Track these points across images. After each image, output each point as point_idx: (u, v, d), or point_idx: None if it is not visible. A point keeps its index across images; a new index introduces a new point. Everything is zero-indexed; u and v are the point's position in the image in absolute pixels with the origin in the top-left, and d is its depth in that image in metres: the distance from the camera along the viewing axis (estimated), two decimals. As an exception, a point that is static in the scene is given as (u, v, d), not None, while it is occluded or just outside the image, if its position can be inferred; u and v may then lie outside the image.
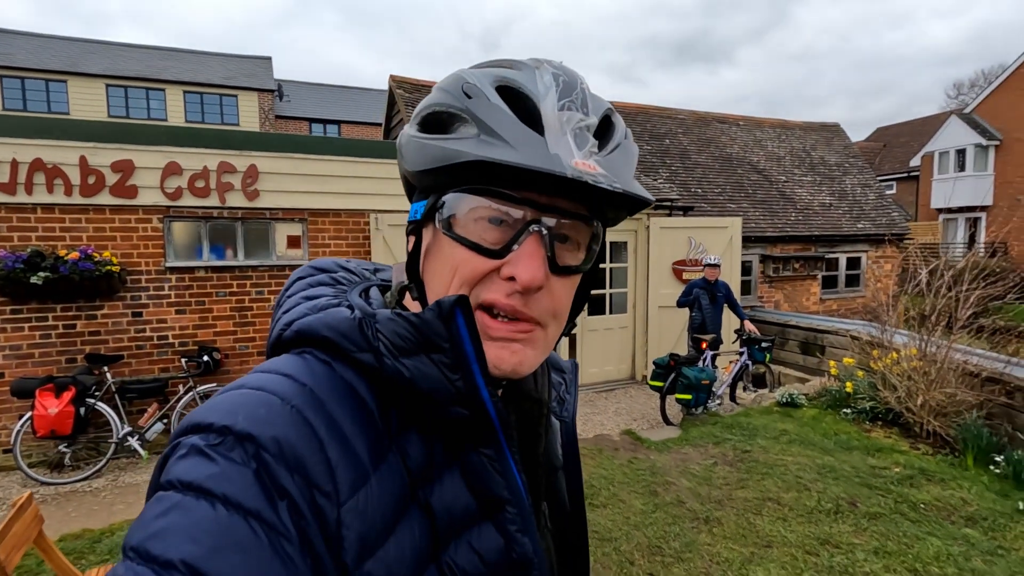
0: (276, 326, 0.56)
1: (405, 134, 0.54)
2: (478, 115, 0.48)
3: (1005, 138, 18.77)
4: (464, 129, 0.48)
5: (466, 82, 0.50)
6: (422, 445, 0.49)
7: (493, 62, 0.54)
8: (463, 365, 0.48)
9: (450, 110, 0.49)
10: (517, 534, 0.51)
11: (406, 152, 0.53)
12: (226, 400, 0.45)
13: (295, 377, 0.47)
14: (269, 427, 0.42)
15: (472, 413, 0.49)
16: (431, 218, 0.51)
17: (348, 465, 0.44)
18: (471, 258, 0.49)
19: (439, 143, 0.48)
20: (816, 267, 10.23)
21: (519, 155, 0.45)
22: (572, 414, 0.68)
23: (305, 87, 25.24)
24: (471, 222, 0.49)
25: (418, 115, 0.53)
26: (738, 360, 6.52)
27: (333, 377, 0.48)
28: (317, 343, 0.51)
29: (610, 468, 4.38)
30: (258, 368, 0.50)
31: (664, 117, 11.53)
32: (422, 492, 0.48)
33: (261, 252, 5.82)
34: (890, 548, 3.14)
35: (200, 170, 5.37)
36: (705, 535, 3.35)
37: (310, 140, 6.13)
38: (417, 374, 0.47)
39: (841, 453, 4.56)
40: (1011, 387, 4.49)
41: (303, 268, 0.64)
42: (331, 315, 0.51)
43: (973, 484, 3.94)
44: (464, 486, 0.50)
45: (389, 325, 0.49)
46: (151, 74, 18.91)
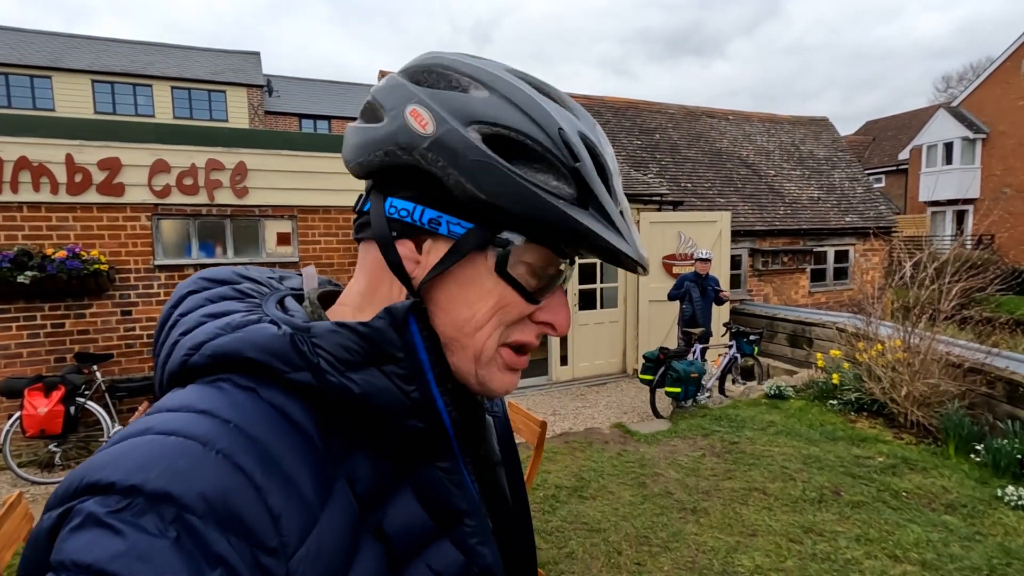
0: (175, 352, 0.47)
1: (466, 142, 0.44)
2: (587, 183, 0.46)
3: (991, 131, 18.98)
4: (558, 184, 0.45)
5: (562, 128, 0.46)
6: (369, 466, 0.45)
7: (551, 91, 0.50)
8: (419, 375, 0.45)
9: (545, 154, 0.45)
10: (478, 547, 0.50)
11: (477, 172, 0.44)
12: (130, 450, 0.37)
13: (214, 413, 0.41)
14: (192, 481, 0.36)
15: (428, 425, 0.46)
16: (480, 247, 0.46)
17: (294, 510, 0.39)
18: (518, 302, 0.48)
19: (546, 195, 0.44)
20: (805, 260, 10.33)
21: (629, 247, 0.47)
22: (502, 408, 0.68)
23: (295, 82, 25.06)
24: (521, 265, 0.48)
25: (480, 123, 0.45)
26: (727, 353, 6.59)
27: (260, 406, 0.42)
28: (239, 366, 0.44)
29: (600, 461, 4.43)
30: (161, 406, 0.42)
31: (654, 112, 11.56)
32: (373, 518, 0.45)
33: (250, 250, 5.81)
34: (872, 535, 3.21)
35: (188, 167, 5.35)
36: (692, 525, 3.41)
37: (299, 137, 6.12)
38: (369, 389, 0.44)
39: (826, 443, 4.64)
40: (992, 377, 4.58)
41: (191, 281, 0.55)
42: (254, 333, 0.45)
43: (954, 472, 4.02)
44: (417, 504, 0.47)
45: (331, 338, 0.44)
46: (137, 69, 18.70)
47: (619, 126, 10.70)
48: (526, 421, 2.97)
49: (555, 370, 7.50)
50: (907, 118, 26.14)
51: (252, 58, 22.04)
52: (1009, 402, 4.46)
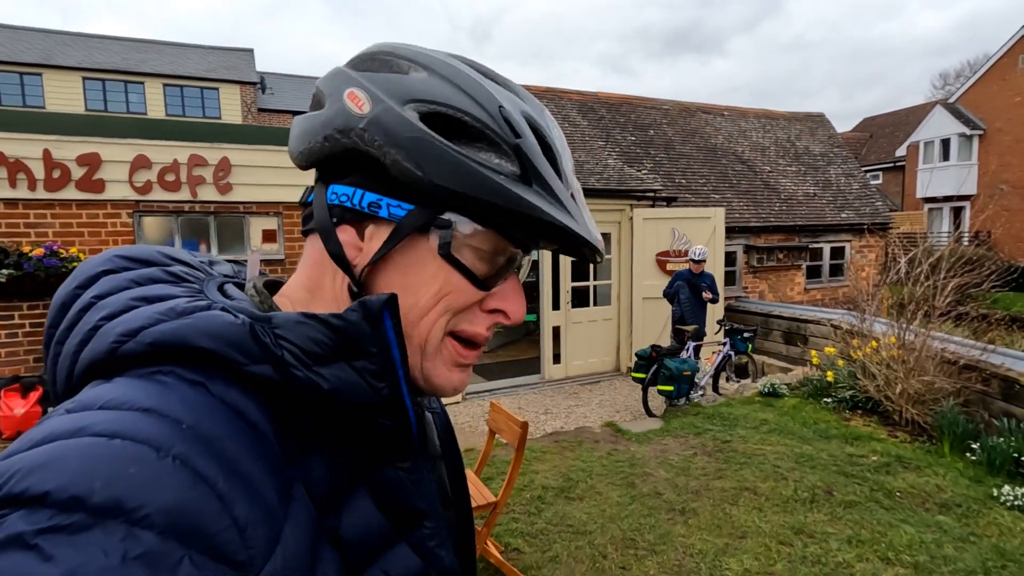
0: (98, 337, 0.41)
1: (403, 120, 0.43)
2: (530, 160, 0.44)
3: (988, 127, 18.94)
4: (500, 161, 0.44)
5: (502, 106, 0.45)
6: (326, 467, 0.42)
7: (496, 76, 0.50)
8: (390, 372, 0.43)
9: (485, 130, 0.44)
10: (436, 549, 0.48)
11: (414, 150, 0.43)
12: (64, 454, 0.32)
13: (163, 412, 0.36)
14: (150, 492, 0.31)
15: (395, 423, 0.44)
16: (420, 230, 0.45)
17: (260, 519, 0.35)
18: (465, 288, 0.46)
19: (487, 171, 0.43)
20: (800, 257, 10.26)
21: (579, 227, 0.46)
22: (440, 404, 0.67)
23: (289, 79, 24.91)
24: (466, 248, 0.46)
25: (417, 101, 0.44)
26: (721, 351, 6.51)
27: (212, 403, 0.38)
28: (184, 357, 0.39)
29: (589, 460, 4.35)
30: (87, 401, 0.36)
31: (648, 108, 11.47)
32: (329, 523, 0.42)
33: (235, 247, 5.71)
34: (863, 536, 3.13)
35: (170, 163, 5.25)
36: (680, 526, 3.33)
37: (284, 132, 6.01)
38: (339, 384, 0.41)
39: (820, 442, 4.56)
40: (987, 374, 4.51)
41: (102, 259, 0.49)
42: (205, 320, 0.41)
43: (948, 471, 3.95)
44: (374, 506, 0.45)
45: (298, 330, 0.41)
46: (129, 67, 18.56)
47: (613, 122, 10.61)
48: (508, 422, 2.88)
49: (548, 368, 7.42)
50: (904, 115, 26.10)
51: (246, 55, 21.89)
52: (1004, 399, 4.39)
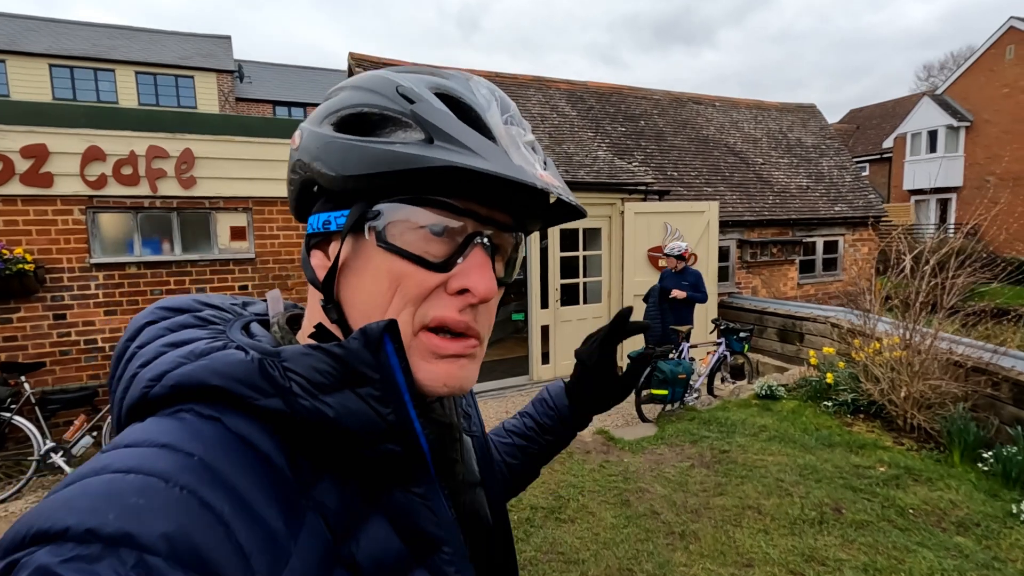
0: (134, 384, 0.45)
1: (315, 135, 0.47)
2: (429, 120, 0.44)
3: (975, 119, 18.91)
4: (405, 134, 0.44)
5: (400, 84, 0.46)
6: (340, 494, 0.43)
7: (415, 68, 0.51)
8: (394, 397, 0.43)
9: (384, 112, 0.45)
10: (455, 575, 0.48)
11: (324, 155, 0.45)
12: (85, 492, 0.34)
13: (176, 446, 0.37)
14: (154, 521, 0.33)
15: (404, 448, 0.44)
16: (357, 229, 0.46)
17: (264, 547, 0.36)
18: (415, 272, 0.45)
19: (383, 146, 0.43)
20: (794, 251, 10.05)
21: (489, 163, 0.43)
22: (480, 426, 0.66)
23: (268, 68, 24.19)
24: (409, 233, 0.45)
25: (333, 114, 0.47)
26: (715, 351, 6.26)
27: (225, 436, 0.40)
28: (203, 395, 0.42)
29: (580, 474, 4.07)
30: (119, 442, 0.39)
31: (638, 98, 11.15)
32: (346, 548, 0.42)
33: (201, 245, 5.33)
34: (880, 564, 2.88)
35: (126, 155, 4.84)
36: (680, 553, 3.06)
37: (253, 121, 5.61)
38: (343, 412, 0.42)
39: (823, 451, 4.32)
40: (998, 378, 4.29)
41: (149, 311, 0.53)
42: (218, 360, 0.43)
43: (961, 483, 3.72)
44: (392, 531, 0.45)
45: (303, 361, 0.43)
46: (99, 53, 17.79)
47: (603, 112, 10.28)
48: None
49: (536, 369, 7.13)
50: (891, 106, 26.06)
51: (223, 42, 21.16)
52: (1015, 404, 4.18)
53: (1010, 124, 17.71)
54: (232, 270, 5.39)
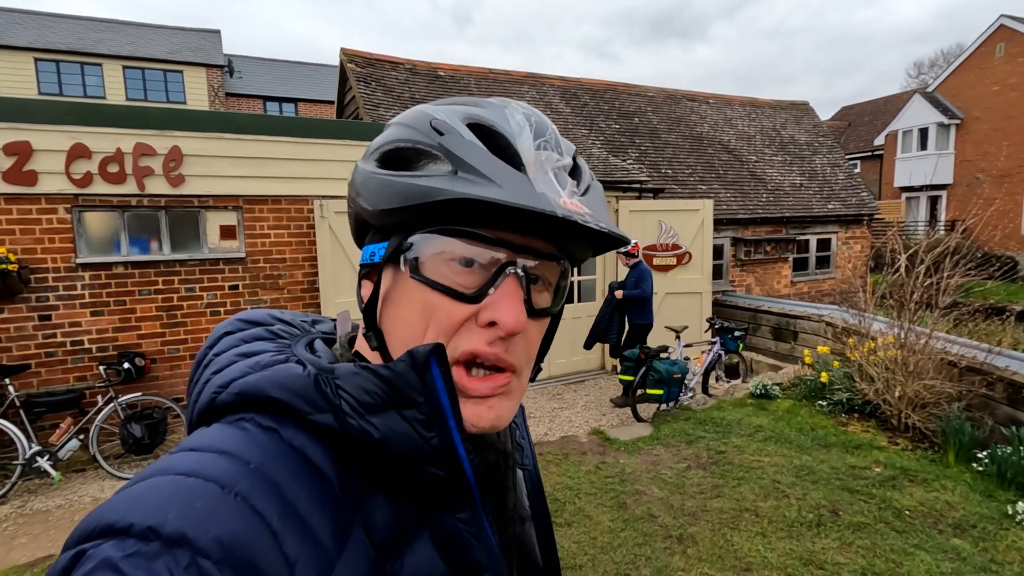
0: (206, 389, 0.47)
1: (361, 171, 0.50)
2: (453, 151, 0.45)
3: (965, 116, 19.02)
4: (435, 166, 0.45)
5: (434, 118, 0.47)
6: (389, 511, 0.44)
7: (456, 100, 0.51)
8: (439, 421, 0.44)
9: (417, 146, 0.46)
10: None
11: (364, 190, 0.49)
12: (150, 490, 0.37)
13: (235, 454, 0.40)
14: (209, 524, 0.35)
15: (448, 473, 0.45)
16: (394, 260, 0.48)
17: (309, 557, 0.37)
18: (446, 304, 0.46)
19: (410, 180, 0.45)
20: (787, 249, 10.06)
21: (505, 193, 0.43)
22: (533, 460, 0.66)
23: (259, 63, 23.90)
24: (442, 265, 0.46)
25: (376, 151, 0.50)
26: (710, 350, 6.25)
27: (281, 447, 0.41)
28: (263, 406, 0.44)
29: (576, 476, 4.03)
30: (185, 444, 0.42)
31: (633, 95, 11.11)
32: (391, 566, 0.42)
33: (191, 244, 5.23)
34: (878, 567, 2.86)
35: (113, 152, 4.73)
36: (678, 557, 3.03)
37: (243, 118, 5.52)
38: (388, 433, 0.43)
39: (818, 451, 4.31)
40: (992, 378, 4.30)
41: (229, 322, 0.56)
42: (280, 372, 0.45)
43: (957, 484, 3.73)
44: (436, 553, 0.45)
45: (353, 380, 0.44)
46: (86, 47, 17.49)
47: (597, 109, 10.23)
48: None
49: (530, 368, 7.08)
50: (882, 103, 26.18)
51: (212, 36, 20.88)
52: (1010, 404, 4.18)
53: (1000, 121, 17.83)
54: (222, 269, 5.30)
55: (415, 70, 9.13)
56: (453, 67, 9.64)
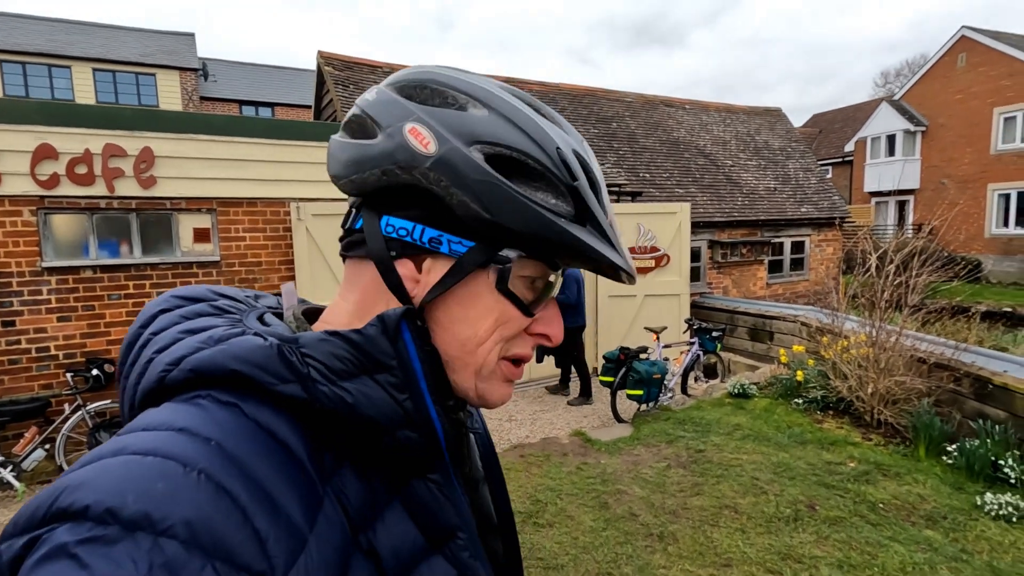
0: (150, 370, 0.44)
1: (470, 162, 0.45)
2: (586, 203, 0.47)
3: (931, 123, 19.63)
4: (557, 201, 0.46)
5: (559, 147, 0.47)
6: (360, 481, 0.43)
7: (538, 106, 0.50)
8: (411, 384, 0.44)
9: (545, 172, 0.46)
10: (470, 560, 0.49)
11: (478, 189, 0.45)
12: (103, 472, 0.34)
13: (194, 431, 0.38)
14: (173, 505, 0.33)
15: (421, 435, 0.45)
16: (480, 264, 0.47)
17: (281, 533, 0.36)
18: (517, 317, 0.49)
19: (549, 215, 0.45)
20: (763, 252, 10.24)
21: (621, 260, 0.49)
22: (482, 424, 0.67)
23: (235, 66, 23.57)
24: (518, 280, 0.48)
25: (483, 143, 0.46)
26: (689, 351, 6.32)
27: (243, 422, 0.40)
28: (221, 381, 0.42)
29: (557, 478, 4.03)
30: (135, 425, 0.39)
31: (611, 100, 11.23)
32: (364, 536, 0.42)
33: (163, 248, 5.12)
34: (854, 560, 2.91)
35: (81, 153, 4.61)
36: (659, 555, 3.04)
37: (217, 119, 5.43)
38: (361, 398, 0.42)
39: (795, 448, 4.38)
40: (960, 373, 4.42)
41: (163, 299, 0.52)
42: (238, 344, 0.43)
43: (928, 477, 3.82)
44: (409, 520, 0.46)
45: (322, 347, 0.43)
46: (54, 49, 17.05)
47: (576, 114, 10.31)
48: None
49: (511, 372, 7.07)
50: (852, 111, 26.89)
51: (186, 39, 20.54)
52: (977, 399, 4.31)
53: (963, 128, 18.46)
54: (196, 273, 5.19)
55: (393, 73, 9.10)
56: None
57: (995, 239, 17.41)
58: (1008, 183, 17.10)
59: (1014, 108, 16.87)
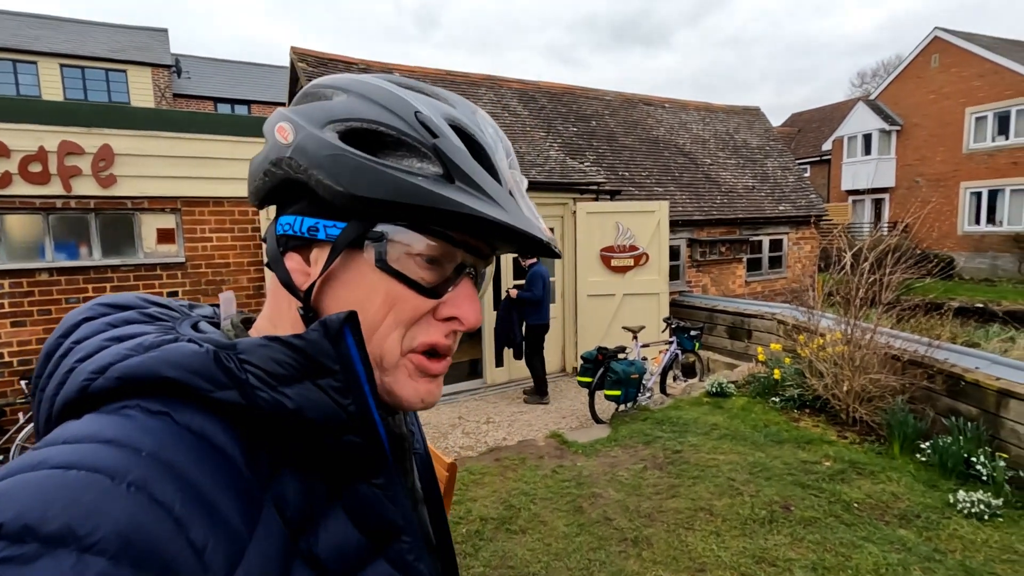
0: (72, 379, 0.42)
1: (318, 141, 0.45)
2: (451, 158, 0.45)
3: (905, 123, 19.96)
4: (422, 164, 0.45)
5: (419, 111, 0.46)
6: (300, 486, 0.42)
7: (419, 86, 0.51)
8: (355, 388, 0.43)
9: (402, 137, 0.45)
10: (415, 563, 0.48)
11: (329, 165, 0.44)
12: (20, 487, 0.32)
13: (123, 442, 0.36)
14: (100, 518, 0.31)
15: (364, 439, 0.44)
16: (355, 245, 0.46)
17: (219, 542, 0.35)
18: (411, 297, 0.47)
19: (407, 177, 0.44)
20: (742, 250, 10.29)
21: (511, 218, 0.46)
22: (423, 444, 0.66)
23: (209, 63, 23.10)
24: (406, 258, 0.46)
25: (336, 121, 0.46)
26: (668, 350, 6.29)
27: (176, 431, 0.38)
28: (151, 390, 0.40)
29: (532, 482, 3.95)
30: (54, 438, 0.37)
31: (590, 98, 11.19)
32: (304, 542, 0.41)
33: (124, 249, 4.94)
34: (828, 561, 2.88)
35: (35, 151, 4.42)
36: (633, 561, 2.98)
37: (181, 116, 5.25)
38: (304, 403, 0.41)
39: (772, 448, 4.36)
40: (933, 370, 4.44)
41: (87, 307, 0.50)
42: (171, 351, 0.41)
43: (902, 475, 3.81)
44: (350, 524, 0.45)
45: (260, 353, 0.42)
46: (20, 44, 16.50)
47: (555, 112, 10.25)
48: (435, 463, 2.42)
49: (489, 372, 6.99)
50: (829, 111, 27.25)
51: (159, 35, 20.06)
52: (950, 396, 4.33)
53: (936, 128, 18.79)
54: (159, 275, 5.01)
55: (369, 70, 8.94)
56: (409, 68, 9.50)
57: (967, 236, 17.76)
58: (979, 181, 17.46)
59: (985, 108, 17.22)
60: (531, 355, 6.24)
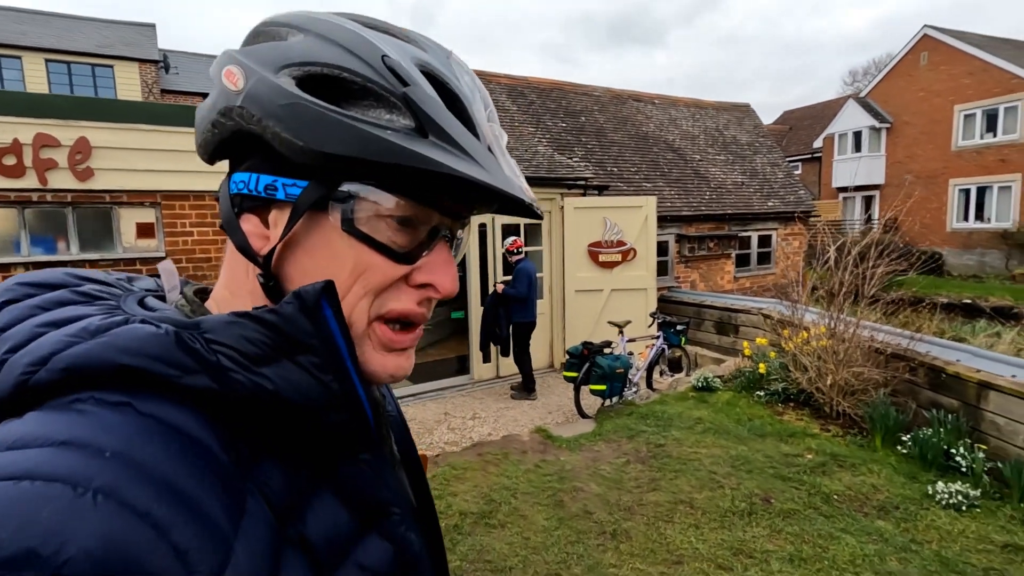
0: (5, 371, 0.36)
1: (277, 88, 0.40)
2: (423, 109, 0.41)
3: (895, 120, 20.07)
4: (391, 116, 0.41)
5: (386, 55, 0.41)
6: (283, 471, 0.39)
7: (380, 24, 0.47)
8: (336, 363, 0.40)
9: (368, 85, 0.41)
10: (406, 533, 0.47)
11: (285, 116, 0.40)
12: None
13: (81, 442, 0.31)
14: (66, 534, 0.27)
15: (350, 416, 0.41)
16: (319, 207, 0.42)
17: (204, 543, 0.31)
18: (381, 263, 0.43)
19: (376, 131, 0.39)
20: (730, 246, 10.30)
21: (491, 177, 0.42)
22: (396, 407, 0.64)
23: (199, 59, 22.90)
24: (376, 220, 0.42)
25: (293, 65, 0.41)
26: (654, 345, 6.28)
27: (142, 423, 0.34)
28: (102, 380, 0.35)
29: (514, 476, 3.93)
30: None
31: (579, 94, 11.17)
32: (293, 529, 0.38)
33: (103, 243, 4.86)
34: (805, 553, 2.88)
35: (9, 144, 4.34)
36: (611, 554, 2.97)
37: (161, 108, 5.19)
38: (283, 384, 0.38)
39: (755, 441, 4.36)
40: (915, 363, 4.45)
41: (4, 288, 0.43)
42: (124, 335, 0.36)
43: (882, 467, 3.82)
44: (338, 503, 0.42)
45: (231, 331, 0.38)
46: (4, 39, 16.24)
47: (544, 107, 10.22)
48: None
49: (477, 368, 6.97)
50: (820, 108, 27.37)
51: (146, 31, 19.86)
52: (931, 389, 4.34)
53: (926, 125, 18.91)
54: (140, 270, 4.94)
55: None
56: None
57: (956, 233, 17.89)
58: (968, 178, 17.58)
59: (974, 105, 17.33)
60: (518, 351, 6.23)
